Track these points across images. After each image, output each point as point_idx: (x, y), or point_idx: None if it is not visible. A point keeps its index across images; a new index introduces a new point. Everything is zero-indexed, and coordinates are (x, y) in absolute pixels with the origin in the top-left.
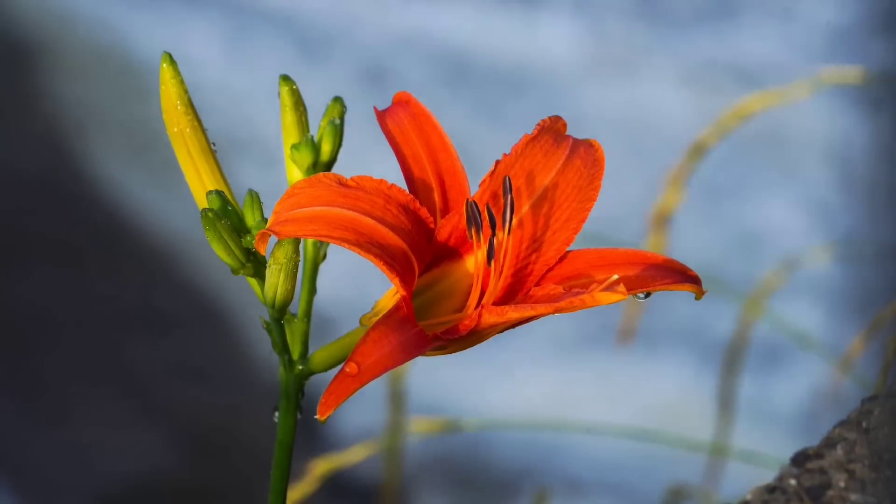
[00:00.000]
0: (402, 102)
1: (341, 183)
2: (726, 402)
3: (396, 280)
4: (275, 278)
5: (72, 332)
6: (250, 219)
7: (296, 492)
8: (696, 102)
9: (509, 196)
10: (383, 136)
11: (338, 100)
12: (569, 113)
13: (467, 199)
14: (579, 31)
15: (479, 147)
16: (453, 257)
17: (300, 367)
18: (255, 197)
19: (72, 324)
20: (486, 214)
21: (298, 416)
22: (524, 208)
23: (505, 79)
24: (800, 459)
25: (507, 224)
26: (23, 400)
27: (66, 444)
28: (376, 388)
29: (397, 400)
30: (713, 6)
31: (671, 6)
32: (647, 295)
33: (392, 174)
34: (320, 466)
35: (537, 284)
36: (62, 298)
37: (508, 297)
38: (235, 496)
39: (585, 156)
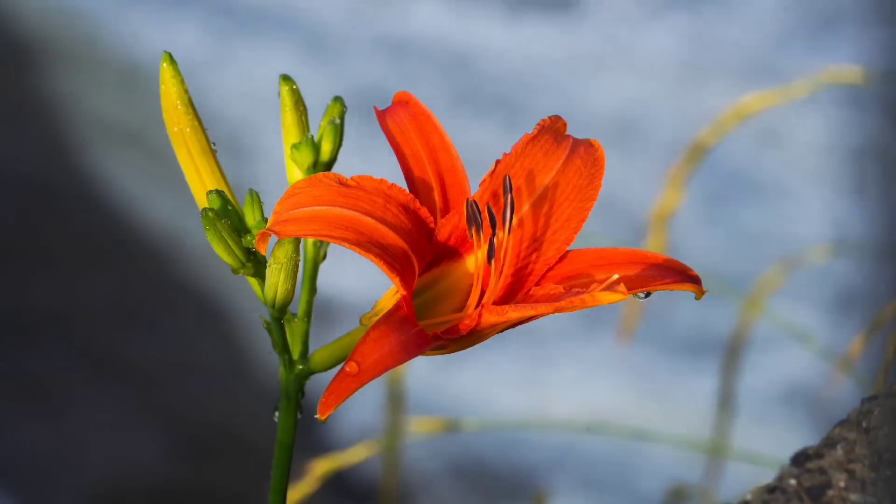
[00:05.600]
0: (402, 102)
1: (341, 183)
2: (726, 402)
3: (397, 279)
4: (275, 278)
5: (71, 331)
6: (250, 218)
7: (296, 492)
8: (694, 100)
9: (509, 195)
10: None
11: (338, 99)
12: (568, 112)
13: (467, 199)
14: (578, 29)
15: (479, 146)
16: (453, 257)
17: (300, 367)
18: (255, 196)
19: (71, 323)
20: (486, 214)
21: (298, 416)
22: (524, 208)
23: (505, 78)
24: (800, 459)
25: (508, 223)
26: (21, 399)
27: (64, 443)
28: (376, 388)
29: (397, 400)
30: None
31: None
32: (648, 294)
33: (393, 173)
34: (320, 466)
35: (537, 284)
36: (61, 297)
37: (509, 296)
38: (235, 496)
39: (585, 155)
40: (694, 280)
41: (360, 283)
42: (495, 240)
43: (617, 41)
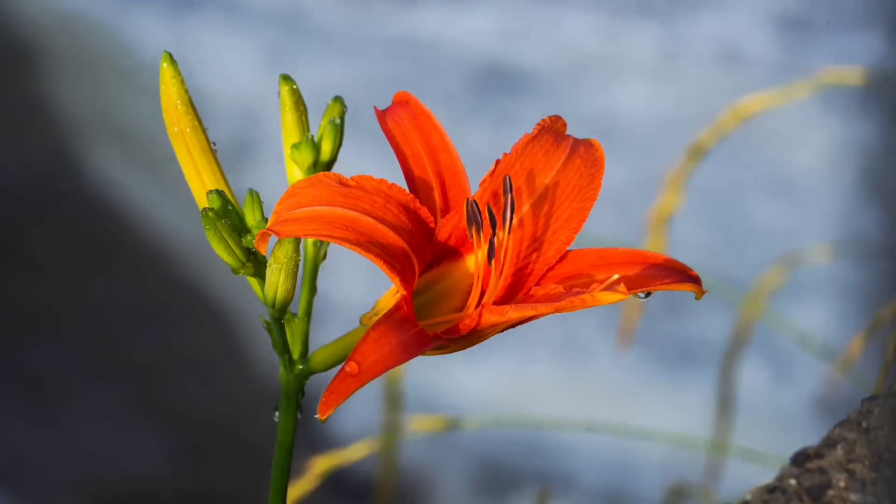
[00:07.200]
0: (403, 102)
1: (342, 182)
2: (726, 402)
3: (397, 279)
4: (275, 278)
5: (71, 331)
6: (251, 218)
7: (296, 489)
8: (692, 100)
9: (510, 195)
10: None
11: (338, 99)
12: (567, 113)
13: (468, 199)
14: (576, 30)
15: (480, 146)
16: (454, 257)
17: (300, 367)
18: (255, 196)
19: (71, 323)
20: (486, 214)
21: (298, 416)
22: (524, 208)
23: (504, 78)
24: (800, 459)
25: (508, 223)
26: (21, 400)
27: (64, 444)
28: (377, 387)
29: (396, 398)
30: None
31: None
32: (648, 294)
33: (393, 173)
34: (320, 464)
35: (537, 284)
36: (61, 298)
37: (509, 296)
38: (235, 496)
39: (585, 155)
40: (694, 280)
41: (360, 283)
42: (495, 240)
43: (616, 40)
